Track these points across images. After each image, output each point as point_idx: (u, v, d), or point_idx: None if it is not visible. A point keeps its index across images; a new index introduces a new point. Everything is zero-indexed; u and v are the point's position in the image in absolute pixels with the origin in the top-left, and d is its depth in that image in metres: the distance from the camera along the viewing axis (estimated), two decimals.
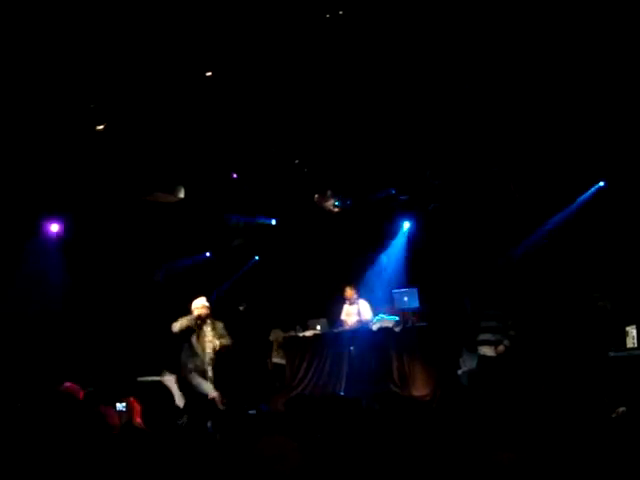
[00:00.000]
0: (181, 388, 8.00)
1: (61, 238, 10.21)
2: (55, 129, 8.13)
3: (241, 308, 12.04)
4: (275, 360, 11.17)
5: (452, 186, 10.08)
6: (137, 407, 6.07)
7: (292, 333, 10.73)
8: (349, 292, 10.30)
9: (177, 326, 8.20)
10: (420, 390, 8.92)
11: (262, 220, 11.95)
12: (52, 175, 8.95)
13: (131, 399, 6.87)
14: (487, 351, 8.84)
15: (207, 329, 8.28)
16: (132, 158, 8.88)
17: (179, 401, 9.72)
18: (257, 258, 12.61)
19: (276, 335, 11.26)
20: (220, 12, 6.57)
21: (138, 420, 6.10)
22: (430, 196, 10.51)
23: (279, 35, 7.00)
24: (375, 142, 9.22)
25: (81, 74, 7.25)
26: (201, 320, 8.26)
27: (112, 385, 8.14)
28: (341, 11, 6.78)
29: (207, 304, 8.40)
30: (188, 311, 8.26)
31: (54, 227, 10.26)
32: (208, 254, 12.33)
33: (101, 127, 8.11)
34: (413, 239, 11.23)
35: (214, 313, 8.41)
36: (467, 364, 9.49)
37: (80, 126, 8.10)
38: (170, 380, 9.83)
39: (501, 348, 8.73)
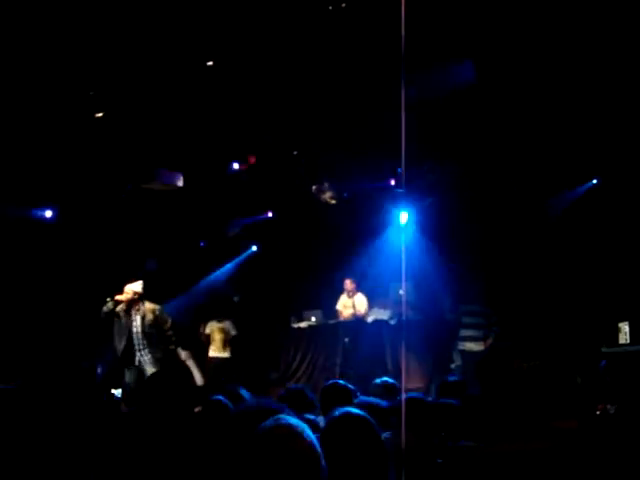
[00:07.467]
0: None
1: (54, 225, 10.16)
2: (52, 115, 8.10)
3: (235, 299, 12.00)
4: (212, 354, 10.38)
5: (450, 180, 10.09)
6: None
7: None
8: (349, 285, 10.32)
9: None
10: (414, 383, 8.98)
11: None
12: (46, 162, 8.92)
13: None
14: (472, 347, 8.90)
15: None
16: (131, 146, 8.86)
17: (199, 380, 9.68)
18: (254, 249, 12.53)
19: (212, 328, 10.48)
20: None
21: None
22: (427, 190, 10.51)
23: (279, 25, 7.00)
24: (373, 134, 9.21)
25: (81, 62, 7.24)
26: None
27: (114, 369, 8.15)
28: (343, 3, 6.79)
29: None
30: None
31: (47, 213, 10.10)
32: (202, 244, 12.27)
33: (100, 115, 8.09)
34: (409, 231, 11.21)
35: None
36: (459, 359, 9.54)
37: (78, 113, 8.08)
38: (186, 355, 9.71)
39: (489, 341, 8.83)
